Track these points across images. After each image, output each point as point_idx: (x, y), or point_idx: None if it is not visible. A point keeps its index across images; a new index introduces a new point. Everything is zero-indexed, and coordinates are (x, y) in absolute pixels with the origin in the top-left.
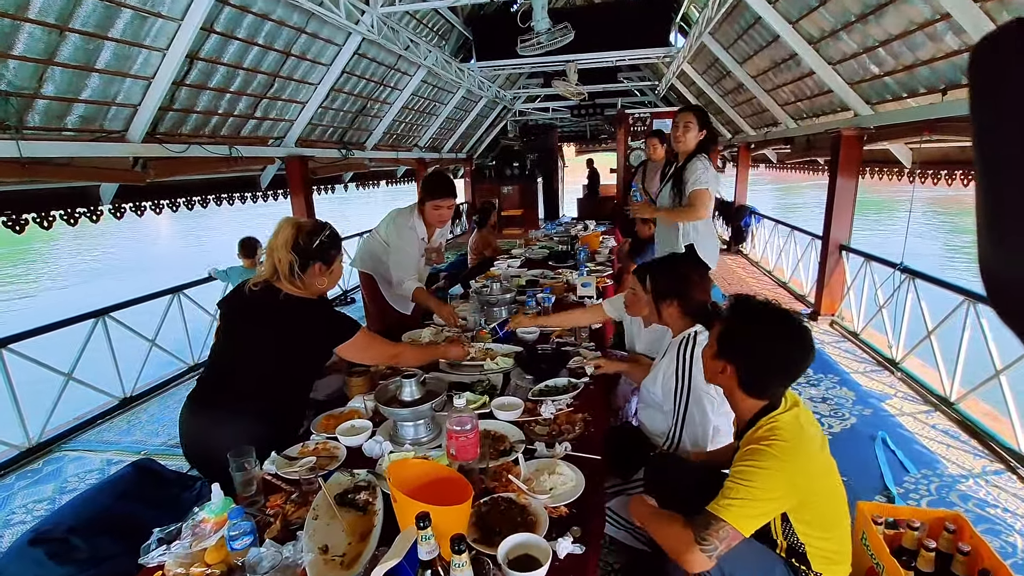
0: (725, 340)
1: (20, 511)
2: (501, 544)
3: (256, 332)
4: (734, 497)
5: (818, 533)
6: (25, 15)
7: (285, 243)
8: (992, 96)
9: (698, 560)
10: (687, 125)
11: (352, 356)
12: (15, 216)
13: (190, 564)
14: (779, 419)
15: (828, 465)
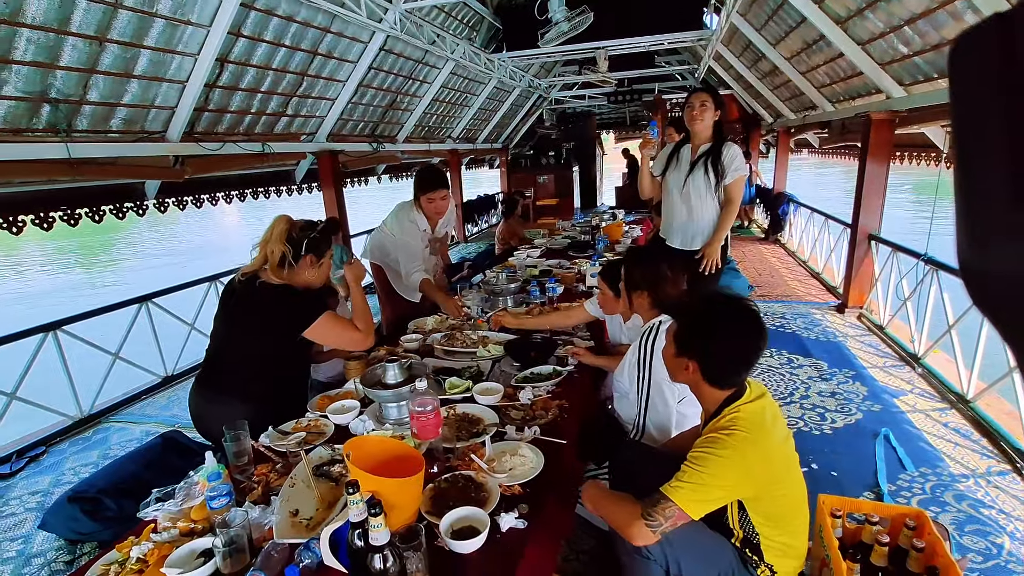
0: (683, 338)
1: (69, 472)
2: (445, 516)
3: (238, 318)
4: (685, 480)
5: (773, 525)
6: (68, 29)
7: (279, 236)
8: (969, 93)
9: (641, 533)
10: (704, 104)
11: (320, 339)
12: (70, 211)
13: (178, 519)
14: (742, 409)
15: (789, 459)
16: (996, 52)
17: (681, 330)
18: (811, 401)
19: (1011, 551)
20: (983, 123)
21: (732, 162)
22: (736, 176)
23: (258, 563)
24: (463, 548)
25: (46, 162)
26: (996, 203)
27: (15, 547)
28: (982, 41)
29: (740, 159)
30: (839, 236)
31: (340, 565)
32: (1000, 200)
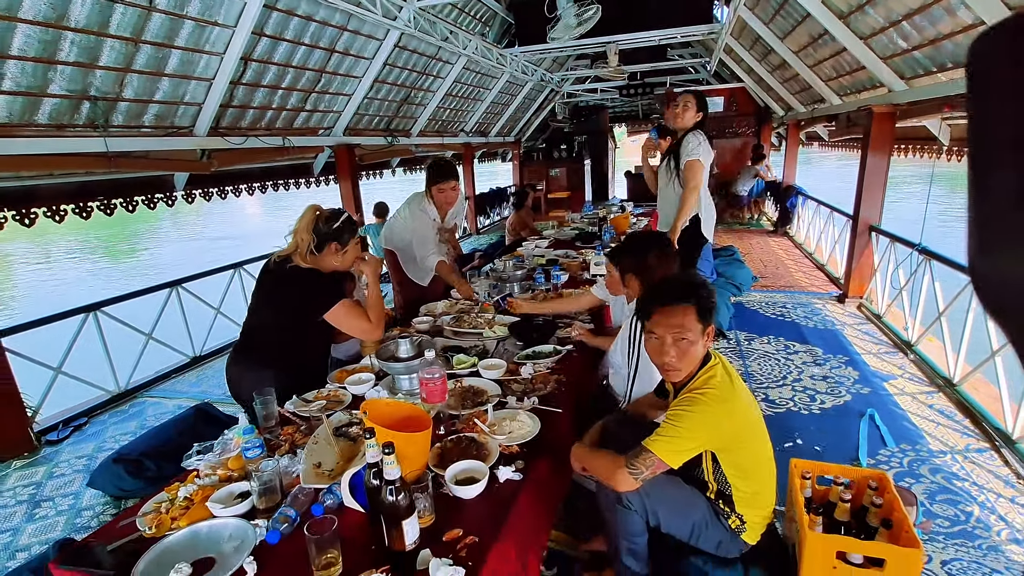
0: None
1: (110, 440)
2: (450, 467)
3: (270, 298)
4: (663, 434)
5: (743, 476)
6: (107, 31)
7: (307, 225)
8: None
9: (625, 479)
10: (687, 105)
11: (336, 323)
12: (106, 201)
13: (217, 468)
14: (714, 371)
15: (755, 419)
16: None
17: (704, 306)
18: (803, 384)
19: (979, 518)
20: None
21: (686, 147)
22: (686, 160)
23: (288, 501)
24: (465, 493)
25: (86, 155)
26: (1006, 205)
27: (67, 502)
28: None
29: (694, 145)
30: (843, 228)
31: (358, 505)
32: (1010, 202)
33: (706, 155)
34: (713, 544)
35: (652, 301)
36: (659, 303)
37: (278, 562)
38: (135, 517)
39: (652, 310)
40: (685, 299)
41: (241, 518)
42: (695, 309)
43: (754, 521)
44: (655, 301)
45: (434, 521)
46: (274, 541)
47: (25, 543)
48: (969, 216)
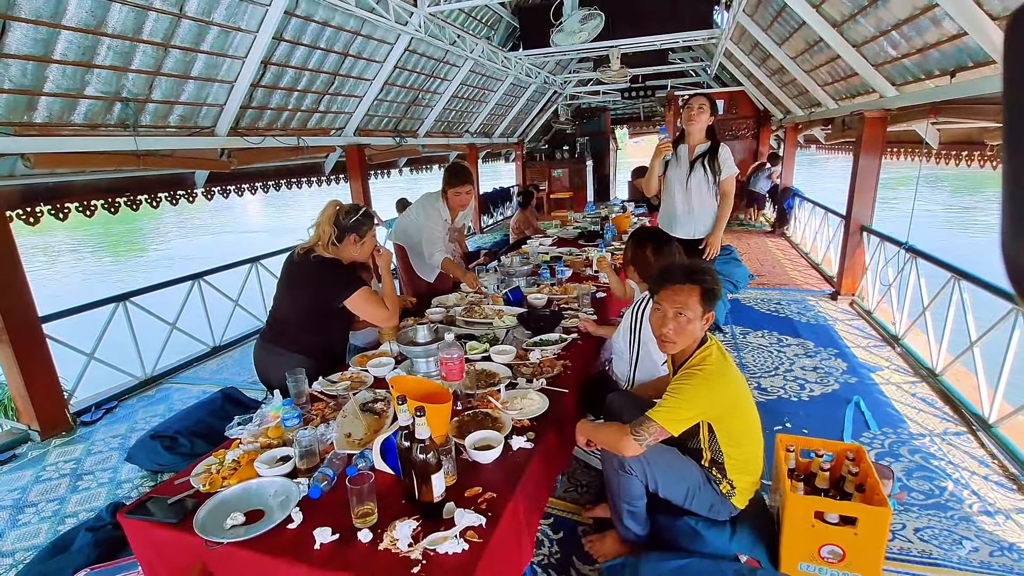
0: (711, 299)
1: (141, 422)
2: (468, 436)
3: (295, 286)
4: (665, 405)
5: (735, 444)
6: (140, 37)
7: (328, 218)
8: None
9: (630, 445)
10: (702, 107)
11: (355, 310)
12: (132, 197)
13: (259, 436)
14: (709, 350)
15: (745, 392)
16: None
17: (707, 292)
18: (794, 374)
19: (953, 492)
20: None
21: (726, 161)
22: (729, 174)
23: (325, 463)
24: (483, 458)
25: (117, 154)
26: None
27: (106, 475)
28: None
29: (732, 159)
30: (836, 228)
31: (388, 468)
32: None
33: (735, 169)
34: (705, 507)
35: (663, 279)
36: (669, 281)
37: (320, 513)
38: (189, 477)
39: (662, 286)
40: (691, 280)
41: (284, 477)
42: (699, 291)
43: (743, 487)
44: (666, 279)
45: (456, 481)
46: (316, 496)
47: (72, 510)
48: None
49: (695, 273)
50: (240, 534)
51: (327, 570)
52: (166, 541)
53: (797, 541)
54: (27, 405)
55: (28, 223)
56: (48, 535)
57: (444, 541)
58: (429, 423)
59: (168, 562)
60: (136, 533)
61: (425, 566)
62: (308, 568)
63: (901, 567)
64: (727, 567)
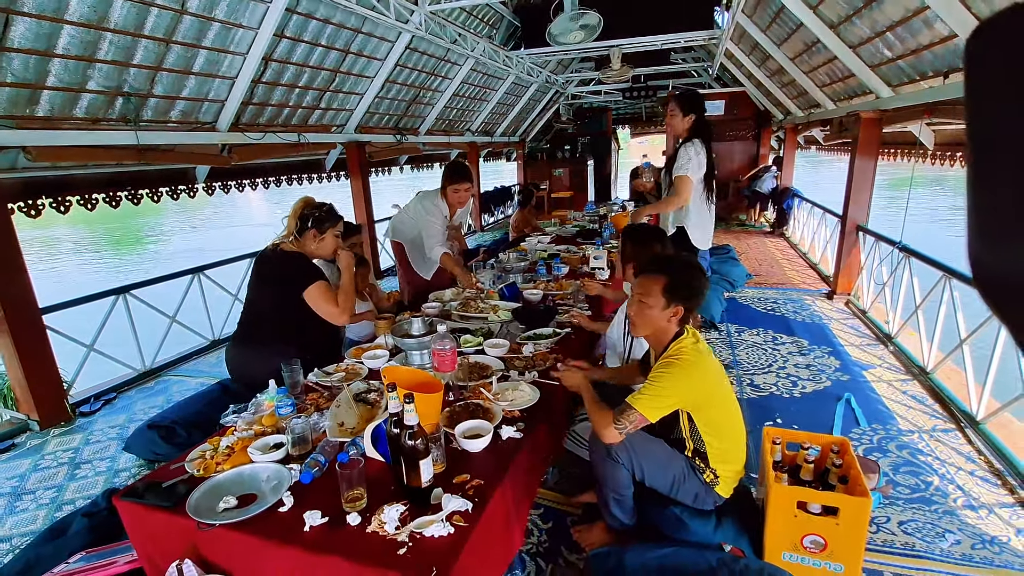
0: (674, 290)
1: (139, 413)
2: (459, 425)
3: (264, 282)
4: (644, 393)
5: (716, 433)
6: (142, 32)
7: (295, 212)
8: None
9: (611, 434)
10: (672, 113)
11: (310, 303)
12: (134, 191)
13: (253, 424)
14: (684, 342)
15: (723, 383)
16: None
17: (673, 285)
18: (787, 371)
19: (938, 487)
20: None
21: (679, 159)
22: (676, 174)
23: (317, 450)
24: (472, 447)
25: (119, 148)
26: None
27: (104, 464)
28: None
29: (684, 160)
30: (834, 228)
31: (378, 455)
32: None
33: (696, 170)
34: (690, 496)
35: (643, 269)
36: (643, 271)
37: (311, 497)
38: (184, 462)
39: (639, 275)
40: (660, 272)
41: (277, 463)
42: (664, 282)
43: (726, 476)
44: (643, 268)
45: (445, 468)
46: (307, 481)
47: (70, 498)
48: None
49: (666, 265)
50: (232, 516)
51: (315, 552)
52: (159, 524)
53: (780, 531)
54: (27, 395)
55: (29, 215)
56: (45, 521)
57: (430, 524)
58: (419, 411)
59: (160, 545)
60: (130, 516)
61: (411, 548)
62: (297, 550)
63: (884, 559)
64: (711, 556)
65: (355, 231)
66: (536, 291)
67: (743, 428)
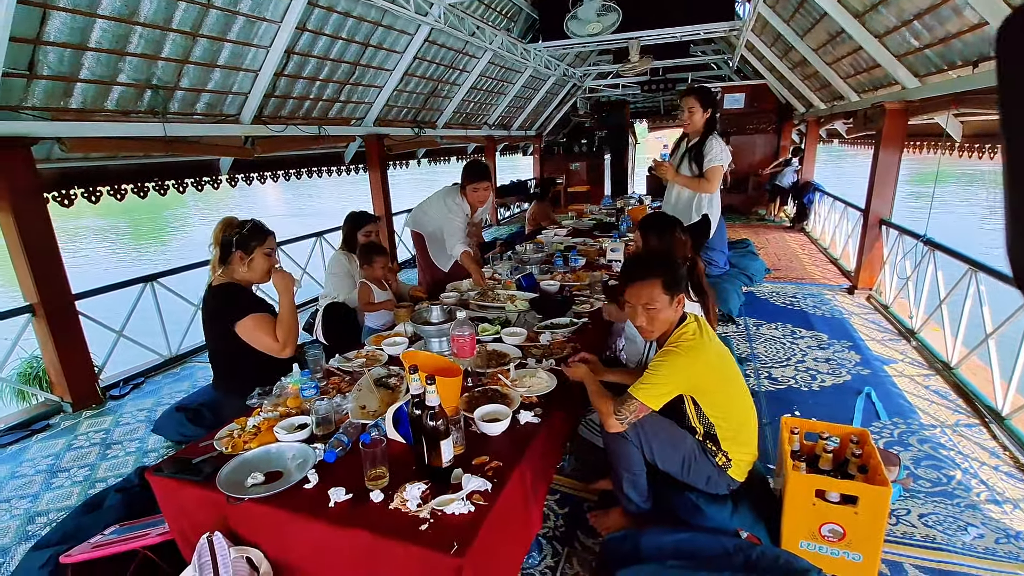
0: (673, 283)
1: (167, 396)
2: (478, 409)
3: (204, 322)
4: (644, 382)
5: (723, 416)
6: (170, 26)
7: (215, 238)
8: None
9: (613, 424)
10: (691, 109)
11: (245, 337)
12: (160, 182)
13: (278, 405)
14: (686, 328)
15: (727, 366)
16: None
17: (669, 279)
18: (806, 365)
19: (960, 481)
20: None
21: (709, 152)
22: (711, 164)
23: (340, 430)
24: (491, 430)
25: (147, 139)
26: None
27: (134, 445)
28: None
29: (717, 150)
30: (856, 222)
31: (400, 437)
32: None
33: (726, 159)
34: (703, 479)
35: (626, 276)
36: (630, 279)
37: (335, 475)
38: (212, 441)
39: (626, 284)
40: (652, 275)
41: (302, 443)
42: (661, 281)
43: (739, 459)
44: (628, 277)
45: (464, 451)
46: (331, 460)
47: (102, 476)
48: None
49: (653, 266)
50: (260, 492)
51: (340, 526)
52: (190, 498)
53: (798, 519)
54: (60, 378)
55: (63, 205)
56: (79, 497)
57: (451, 503)
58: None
59: (191, 518)
60: (163, 490)
61: (432, 524)
62: (323, 524)
63: (904, 550)
64: (727, 541)
65: (371, 220)
66: (553, 282)
67: (753, 409)
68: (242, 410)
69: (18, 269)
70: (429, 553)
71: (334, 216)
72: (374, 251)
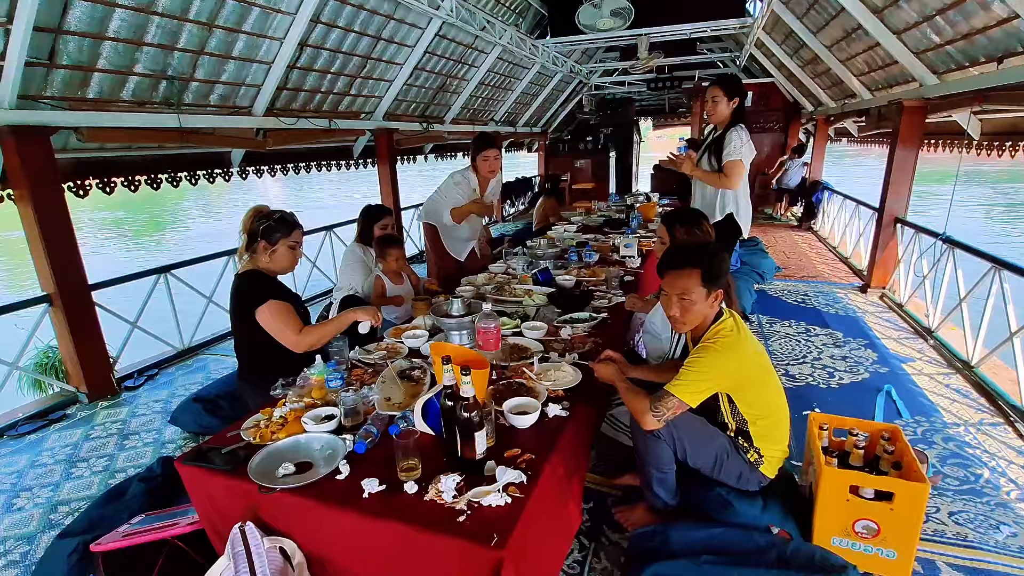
0: (712, 276)
1: (181, 388)
2: (506, 401)
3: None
4: (682, 379)
5: (758, 413)
6: (187, 17)
7: (243, 226)
8: None
9: (650, 421)
10: (715, 99)
11: (264, 324)
12: (173, 174)
13: (303, 396)
14: (723, 324)
15: (765, 365)
16: None
17: (708, 273)
18: (822, 363)
19: (989, 479)
20: None
21: (729, 145)
22: (728, 159)
23: (369, 420)
24: (521, 423)
25: (163, 130)
26: None
27: (151, 436)
28: None
29: (736, 144)
30: (868, 221)
31: (428, 428)
32: None
33: (748, 154)
34: (734, 476)
35: (665, 264)
36: (670, 267)
37: (366, 466)
38: (239, 430)
39: (664, 272)
40: (691, 264)
41: (330, 434)
42: (699, 273)
43: (771, 455)
44: (667, 264)
45: (495, 443)
46: (361, 451)
47: (121, 466)
48: None
49: (693, 256)
50: (292, 482)
51: (375, 517)
52: (219, 487)
53: (831, 515)
54: (76, 369)
55: (78, 195)
56: (100, 487)
57: (488, 495)
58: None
59: (220, 508)
60: (191, 479)
61: (470, 516)
62: (357, 515)
63: (936, 547)
64: (759, 537)
65: (387, 213)
66: (569, 277)
67: (785, 406)
68: (263, 402)
69: (36, 258)
70: (469, 545)
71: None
72: (388, 243)
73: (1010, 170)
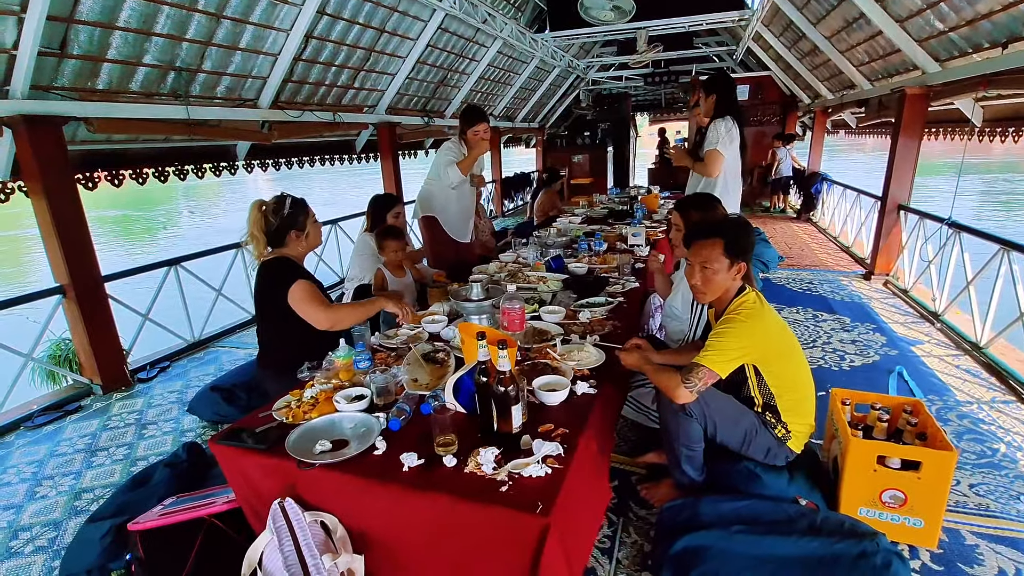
0: (735, 248)
1: (194, 380)
2: (536, 379)
3: (257, 303)
4: (710, 350)
5: (785, 386)
6: (196, 6)
7: (256, 224)
8: None
9: (683, 394)
10: (699, 99)
11: (293, 304)
12: (180, 166)
13: (330, 379)
14: (746, 297)
15: (789, 338)
16: None
17: (731, 243)
18: (832, 346)
19: (1005, 454)
20: None
21: (709, 136)
22: (707, 149)
23: (401, 399)
24: (551, 400)
25: (171, 122)
26: None
27: (169, 425)
28: None
29: (713, 134)
30: (869, 209)
31: (460, 406)
32: None
33: (727, 144)
34: (762, 452)
35: (691, 235)
36: (695, 237)
37: (401, 443)
38: (271, 411)
39: (690, 243)
40: (714, 235)
41: (363, 412)
42: (722, 244)
43: (798, 430)
44: (693, 235)
45: (527, 420)
46: (396, 428)
47: (142, 455)
48: None
49: (718, 227)
50: (329, 458)
51: (417, 490)
52: (254, 466)
53: (858, 486)
54: (90, 360)
55: (87, 188)
56: (122, 475)
57: (527, 466)
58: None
59: (256, 486)
60: (227, 459)
61: (512, 486)
62: (399, 488)
63: (960, 517)
64: (788, 507)
65: (397, 201)
66: (580, 264)
67: (811, 381)
68: (284, 388)
69: (49, 250)
70: (513, 513)
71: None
72: (386, 235)
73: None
